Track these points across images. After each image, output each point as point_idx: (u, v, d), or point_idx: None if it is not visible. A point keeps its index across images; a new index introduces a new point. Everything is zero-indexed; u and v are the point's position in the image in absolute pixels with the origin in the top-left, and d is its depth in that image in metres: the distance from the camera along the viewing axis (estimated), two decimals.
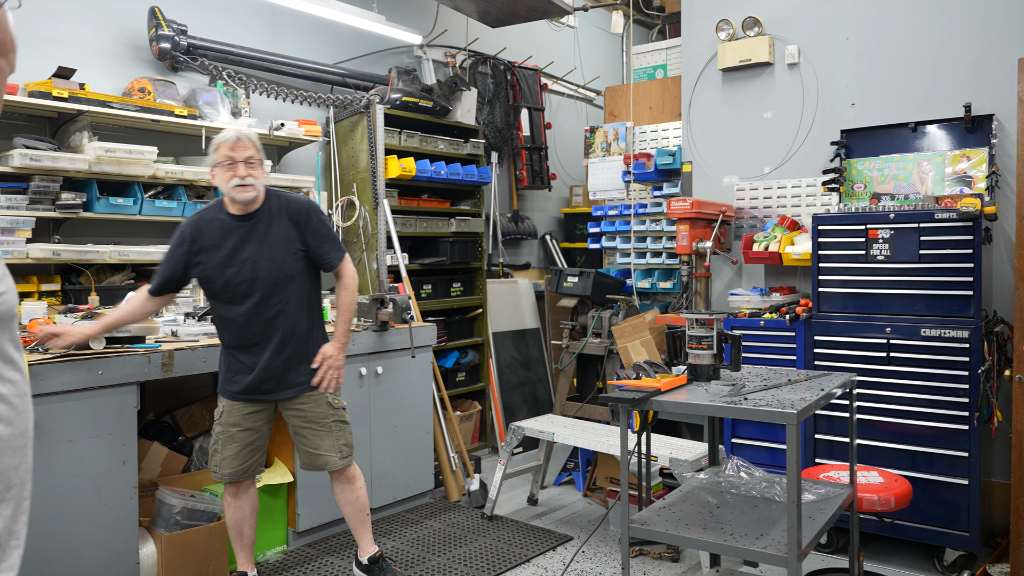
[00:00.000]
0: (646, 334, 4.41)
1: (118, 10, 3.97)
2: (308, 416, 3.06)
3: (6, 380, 1.02)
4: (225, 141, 2.88)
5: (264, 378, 2.98)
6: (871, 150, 4.18)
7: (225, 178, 2.87)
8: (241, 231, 2.92)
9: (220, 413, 3.07)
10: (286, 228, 2.95)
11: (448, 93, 5.41)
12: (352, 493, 3.19)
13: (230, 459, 3.04)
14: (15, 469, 1.05)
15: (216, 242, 2.92)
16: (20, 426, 1.05)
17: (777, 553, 2.21)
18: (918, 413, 3.54)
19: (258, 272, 2.91)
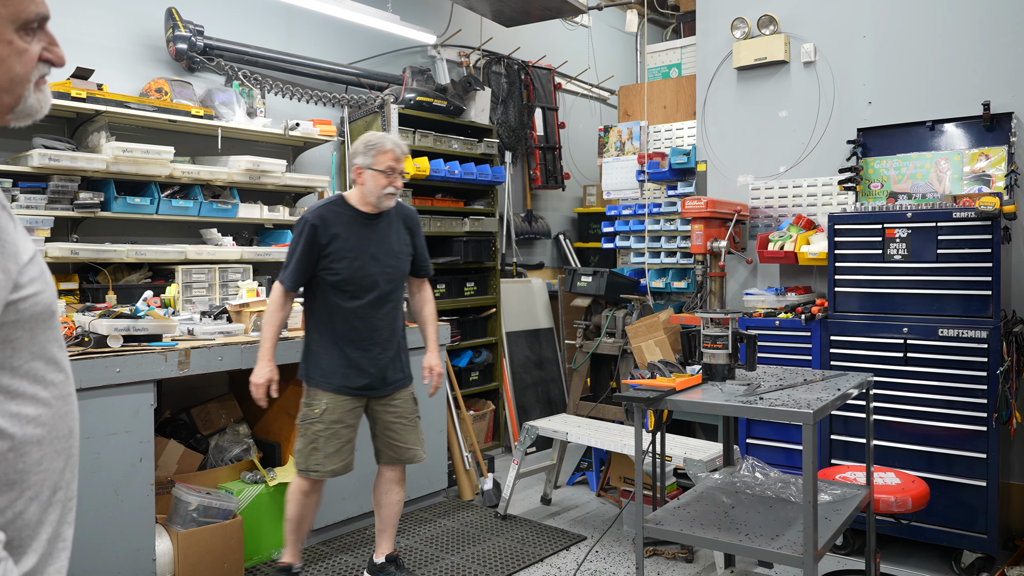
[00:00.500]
0: (660, 334, 4.39)
1: (136, 11, 4.00)
2: (401, 412, 3.15)
3: (48, 383, 1.01)
4: (390, 150, 3.00)
5: (375, 373, 3.06)
6: (888, 149, 4.15)
7: (379, 183, 2.99)
8: (369, 228, 3.04)
9: (322, 411, 3.03)
10: (402, 232, 3.13)
11: (462, 93, 5.42)
12: (399, 494, 3.24)
13: (333, 456, 3.04)
14: (60, 472, 1.05)
15: (346, 234, 3.00)
16: (63, 429, 1.04)
17: (793, 554, 2.20)
18: (935, 414, 3.50)
19: (382, 268, 3.04)
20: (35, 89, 1.09)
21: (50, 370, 1.02)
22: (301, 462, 3.07)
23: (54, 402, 1.02)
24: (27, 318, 0.97)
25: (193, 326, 3.45)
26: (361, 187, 3.03)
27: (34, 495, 1.00)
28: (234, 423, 3.90)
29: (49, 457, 1.02)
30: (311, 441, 3.04)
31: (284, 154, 4.54)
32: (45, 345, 1.01)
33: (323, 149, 4.83)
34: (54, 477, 1.03)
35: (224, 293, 3.95)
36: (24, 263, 0.97)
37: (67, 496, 1.08)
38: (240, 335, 3.54)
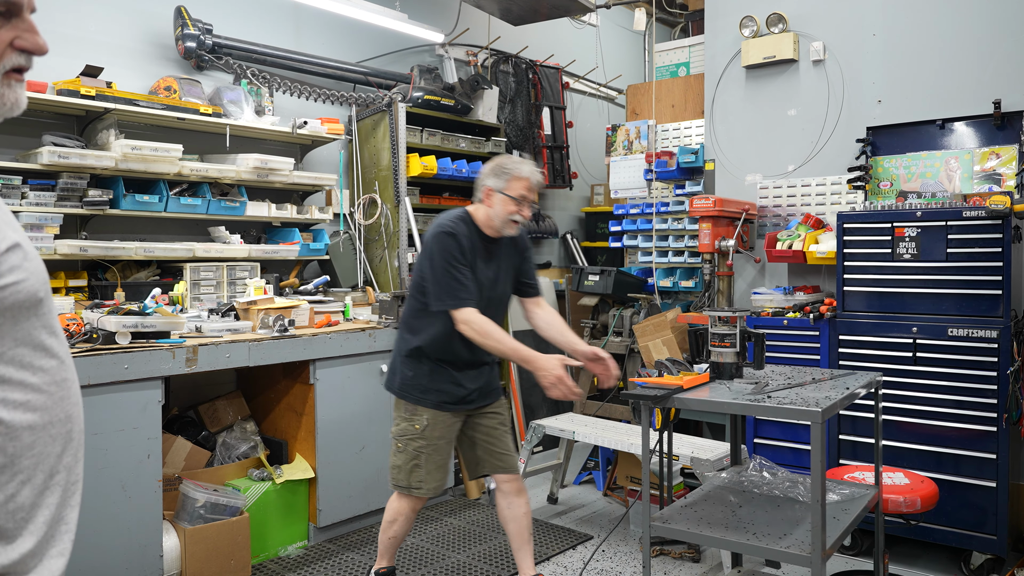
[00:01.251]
0: (668, 333, 4.38)
1: (145, 9, 4.02)
2: (501, 419, 3.08)
3: (37, 368, 1.03)
4: (526, 178, 2.85)
5: (476, 389, 2.97)
6: (898, 147, 4.13)
7: (507, 209, 2.83)
8: (489, 251, 2.93)
9: (424, 427, 2.89)
10: (513, 254, 3.03)
11: (470, 92, 5.42)
12: (523, 506, 3.04)
13: (434, 472, 2.93)
14: (58, 456, 1.06)
15: (474, 255, 2.87)
16: (59, 413, 1.06)
17: (801, 553, 2.19)
18: (945, 414, 3.48)
19: (496, 291, 2.97)
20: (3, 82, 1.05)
21: (38, 356, 1.03)
22: (402, 479, 2.94)
23: (46, 387, 1.04)
24: (8, 306, 0.98)
25: (201, 323, 3.46)
26: (488, 209, 2.86)
27: (27, 478, 1.01)
28: (241, 420, 3.91)
29: (43, 441, 1.03)
30: (413, 458, 2.91)
31: (292, 152, 4.55)
32: (31, 332, 1.02)
33: (331, 147, 4.83)
34: (50, 461, 1.05)
35: (232, 291, 3.96)
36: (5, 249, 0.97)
37: (69, 480, 1.09)
38: (248, 332, 3.55)
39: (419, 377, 2.90)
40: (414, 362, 2.92)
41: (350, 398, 3.82)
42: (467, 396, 2.94)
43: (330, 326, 3.90)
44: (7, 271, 0.97)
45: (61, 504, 1.08)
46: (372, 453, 3.93)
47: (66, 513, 1.09)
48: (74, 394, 1.10)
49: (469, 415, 3.03)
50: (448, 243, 2.78)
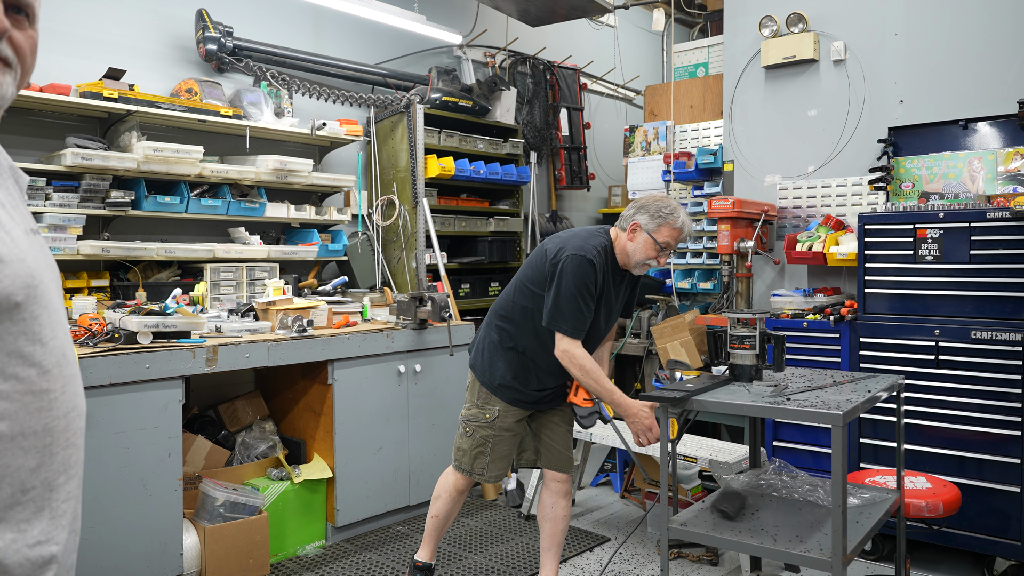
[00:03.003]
0: (686, 334, 4.36)
1: (167, 13, 4.06)
2: (564, 416, 3.05)
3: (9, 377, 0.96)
4: (678, 230, 2.77)
5: (551, 392, 2.97)
6: (920, 148, 4.08)
7: (648, 253, 2.77)
8: (616, 283, 2.89)
9: (494, 417, 2.93)
10: (629, 289, 2.99)
11: (487, 93, 5.42)
12: (565, 510, 3.03)
13: (498, 462, 2.97)
14: (32, 471, 0.99)
15: (605, 287, 2.83)
16: (33, 425, 0.99)
17: (821, 557, 2.17)
18: (967, 418, 3.43)
19: (610, 322, 2.96)
20: None
21: (12, 364, 0.97)
22: (465, 463, 2.99)
23: (17, 396, 0.97)
24: None
25: (221, 323, 3.49)
26: (629, 244, 2.79)
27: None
28: (260, 420, 3.93)
29: (10, 453, 0.96)
30: (479, 445, 2.95)
31: (311, 154, 4.58)
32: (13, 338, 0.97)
33: (349, 149, 4.86)
34: (21, 475, 0.98)
35: (251, 291, 3.99)
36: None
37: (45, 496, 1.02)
38: (267, 333, 3.57)
39: (505, 372, 2.90)
40: (508, 357, 2.90)
41: (368, 398, 3.83)
42: (543, 398, 2.97)
43: (348, 327, 3.91)
44: None
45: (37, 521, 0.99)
46: (390, 453, 3.94)
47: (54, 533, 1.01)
48: (59, 407, 1.03)
49: (544, 413, 3.06)
50: (587, 272, 2.70)
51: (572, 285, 2.68)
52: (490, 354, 2.95)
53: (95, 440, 2.83)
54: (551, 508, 3.01)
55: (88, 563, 2.81)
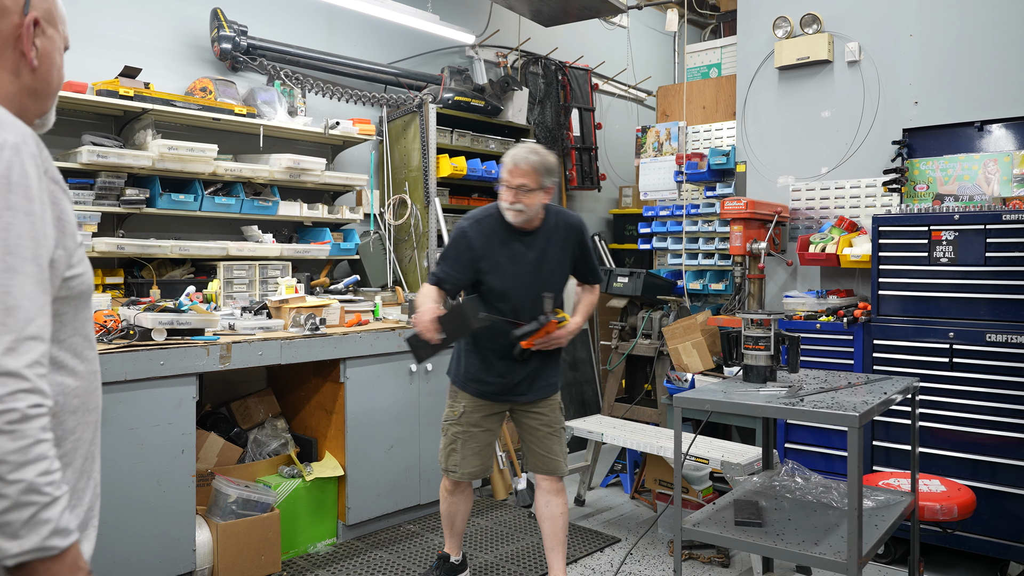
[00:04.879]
0: (698, 335, 4.35)
1: (182, 12, 4.08)
2: (547, 420, 3.04)
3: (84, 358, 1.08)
4: (505, 163, 2.88)
5: (520, 380, 2.98)
6: (934, 150, 4.06)
7: (504, 198, 2.88)
8: (519, 243, 2.93)
9: (461, 413, 3.03)
10: (560, 244, 2.98)
11: (499, 93, 5.42)
12: (560, 507, 3.06)
13: (470, 458, 3.03)
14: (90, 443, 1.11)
15: (496, 249, 2.92)
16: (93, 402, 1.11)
17: (836, 559, 2.16)
18: (981, 421, 3.42)
19: (529, 284, 2.93)
20: None
21: (86, 346, 1.09)
22: (441, 461, 3.10)
23: (87, 376, 1.09)
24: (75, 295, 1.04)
25: (234, 321, 3.50)
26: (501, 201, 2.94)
27: (68, 461, 1.05)
28: (272, 418, 3.95)
29: (82, 427, 1.08)
30: (451, 442, 3.05)
31: (324, 153, 4.59)
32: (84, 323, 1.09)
33: (362, 148, 4.87)
34: (86, 447, 1.09)
35: (264, 289, 4.01)
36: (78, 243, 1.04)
37: (95, 468, 1.13)
38: (279, 331, 3.58)
39: (467, 365, 3.01)
40: (466, 350, 3.03)
41: (379, 397, 3.84)
42: (506, 387, 2.97)
43: (360, 325, 3.92)
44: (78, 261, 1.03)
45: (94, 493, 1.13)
46: (401, 452, 3.95)
47: (94, 500, 1.13)
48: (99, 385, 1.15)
49: (517, 410, 3.07)
50: (455, 238, 2.95)
51: (444, 248, 3.00)
52: (456, 353, 3.09)
53: (110, 436, 2.84)
54: (545, 507, 3.07)
55: (102, 558, 2.82)
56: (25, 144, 0.99)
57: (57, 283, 1.01)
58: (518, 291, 2.92)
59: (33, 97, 1.14)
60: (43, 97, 1.16)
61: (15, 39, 1.11)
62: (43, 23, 1.13)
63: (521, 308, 2.91)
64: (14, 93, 1.11)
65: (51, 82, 1.16)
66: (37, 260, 0.95)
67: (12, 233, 0.93)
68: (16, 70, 1.11)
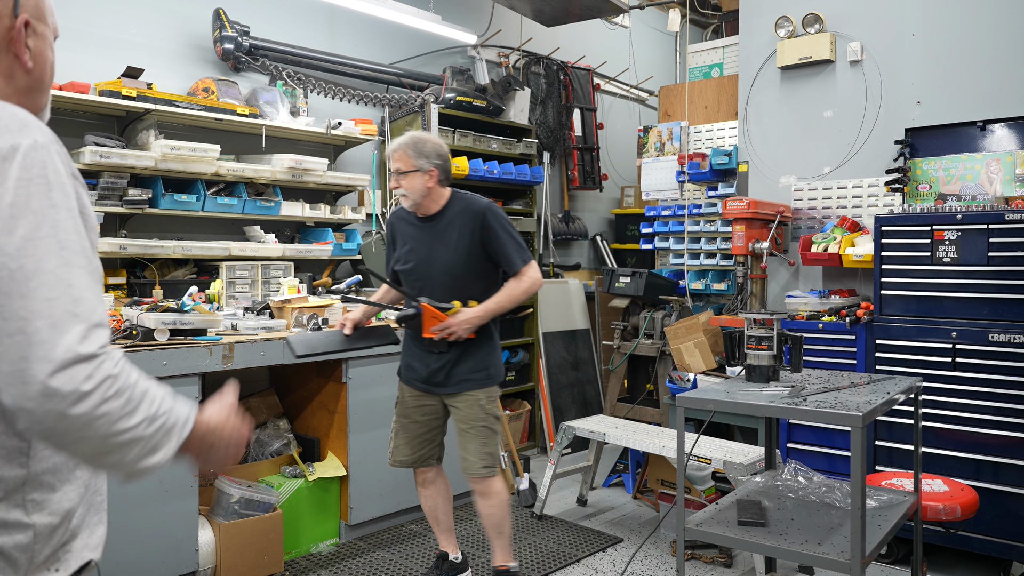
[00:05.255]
0: (700, 335, 4.35)
1: (184, 12, 4.08)
2: (460, 416, 3.02)
3: None
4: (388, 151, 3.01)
5: (435, 370, 3.01)
6: (937, 149, 4.06)
7: (391, 185, 3.00)
8: (422, 231, 3.01)
9: (396, 401, 3.17)
10: (461, 230, 2.96)
11: (501, 93, 5.43)
12: (486, 508, 3.07)
13: (402, 447, 3.13)
14: None
15: (405, 237, 3.06)
16: None
17: (839, 559, 2.16)
18: (984, 421, 3.41)
19: (431, 271, 2.97)
20: None
21: None
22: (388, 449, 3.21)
23: None
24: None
25: (236, 321, 3.50)
26: None
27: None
28: (274, 418, 3.95)
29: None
30: (392, 429, 3.18)
31: (326, 153, 4.59)
32: None
33: (364, 148, 4.87)
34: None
35: (266, 289, 4.01)
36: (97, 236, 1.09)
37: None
38: (282, 331, 3.58)
39: (404, 352, 3.16)
40: (405, 338, 3.15)
41: (382, 397, 3.84)
42: (425, 376, 3.04)
43: None
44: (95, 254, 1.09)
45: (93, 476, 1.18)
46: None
47: (100, 484, 1.19)
48: None
49: (444, 403, 3.10)
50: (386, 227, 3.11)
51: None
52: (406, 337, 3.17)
53: None
54: (477, 506, 3.13)
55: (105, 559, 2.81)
56: (54, 142, 1.05)
57: None
58: (421, 277, 2.98)
59: (29, 96, 1.16)
60: (39, 94, 1.19)
61: (7, 42, 1.11)
62: (33, 22, 1.12)
63: (428, 294, 2.95)
64: (10, 95, 1.12)
65: (45, 79, 1.18)
66: (84, 253, 1.03)
67: (61, 229, 1.00)
68: (10, 73, 1.13)
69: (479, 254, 2.97)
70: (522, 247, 3.02)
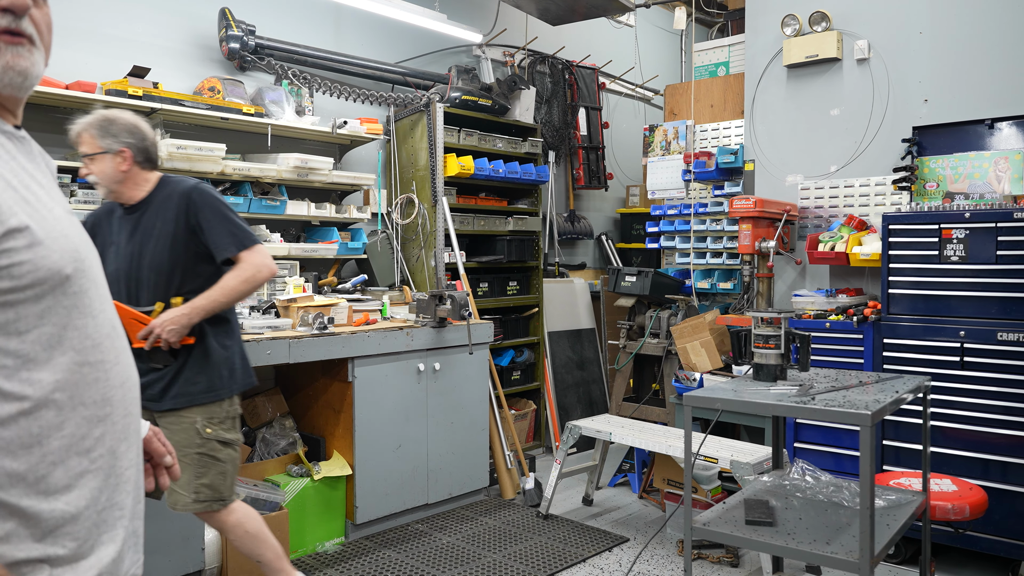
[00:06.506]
0: (706, 335, 4.34)
1: (190, 11, 4.09)
2: (172, 440, 2.39)
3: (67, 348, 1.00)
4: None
5: (151, 381, 2.53)
6: (945, 148, 4.04)
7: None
8: (127, 223, 2.62)
9: None
10: (166, 217, 2.57)
11: (507, 92, 5.42)
12: (231, 541, 2.67)
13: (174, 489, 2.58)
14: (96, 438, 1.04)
15: (107, 231, 2.65)
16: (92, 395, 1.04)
17: (848, 559, 2.15)
18: (992, 420, 3.40)
19: (141, 270, 2.56)
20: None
21: (72, 336, 1.01)
22: None
23: (78, 368, 1.01)
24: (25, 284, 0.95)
25: (242, 320, 3.50)
26: None
27: (57, 460, 0.98)
28: (280, 417, 3.95)
29: (75, 423, 1.00)
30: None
31: (331, 152, 4.59)
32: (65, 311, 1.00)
33: (369, 147, 4.87)
34: (86, 443, 1.02)
35: (272, 289, 4.01)
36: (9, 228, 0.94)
37: (111, 464, 1.06)
38: (288, 330, 3.58)
39: None
40: None
41: (387, 396, 3.84)
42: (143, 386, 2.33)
43: (368, 324, 3.92)
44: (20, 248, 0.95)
45: (113, 488, 1.05)
46: (409, 451, 3.95)
47: (117, 497, 1.07)
48: (114, 377, 1.07)
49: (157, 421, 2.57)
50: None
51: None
52: None
53: None
54: None
55: None
56: None
57: None
58: (133, 278, 2.56)
59: None
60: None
61: None
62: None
63: (132, 294, 2.55)
64: None
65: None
66: None
67: None
68: None
69: (188, 244, 2.55)
70: (241, 229, 2.60)
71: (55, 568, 0.96)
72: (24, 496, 0.95)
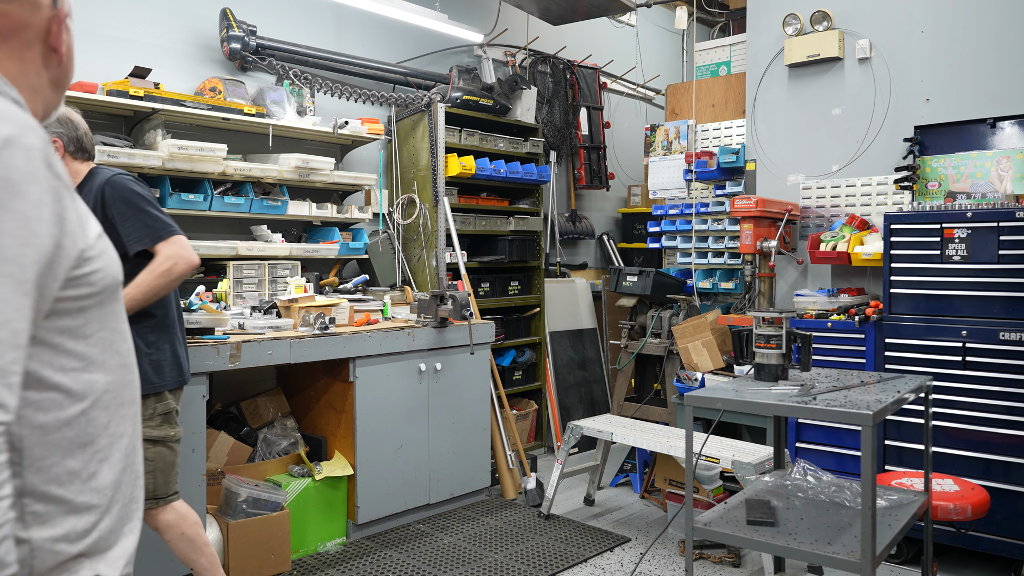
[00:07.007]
0: (708, 334, 4.33)
1: (191, 12, 4.09)
2: None
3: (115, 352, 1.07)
4: None
5: None
6: (946, 147, 4.04)
7: None
8: None
9: None
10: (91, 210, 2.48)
11: (508, 92, 5.42)
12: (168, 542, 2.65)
13: None
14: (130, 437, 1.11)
15: None
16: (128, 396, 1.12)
17: (849, 559, 2.15)
18: (994, 420, 3.39)
19: None
20: None
21: (118, 340, 1.08)
22: None
23: (120, 370, 1.08)
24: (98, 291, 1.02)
25: (244, 320, 3.50)
26: None
27: (104, 457, 1.04)
28: (282, 417, 3.95)
29: (116, 422, 1.07)
30: None
31: (332, 152, 4.59)
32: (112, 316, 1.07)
33: (370, 147, 4.87)
34: (124, 442, 1.09)
35: (273, 288, 4.01)
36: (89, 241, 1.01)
37: (135, 462, 1.13)
38: (289, 330, 3.58)
39: None
40: None
41: (389, 396, 3.84)
42: None
43: (369, 324, 3.92)
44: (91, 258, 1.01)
45: (134, 484, 1.12)
46: (410, 451, 3.95)
47: (137, 493, 1.13)
48: (137, 378, 1.15)
49: None
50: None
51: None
52: None
53: None
54: None
55: None
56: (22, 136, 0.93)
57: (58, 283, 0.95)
58: None
59: (55, 89, 1.15)
60: (63, 88, 1.16)
61: (46, 33, 1.10)
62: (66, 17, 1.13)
63: None
64: (40, 86, 1.10)
65: (71, 74, 1.16)
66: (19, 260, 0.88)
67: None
68: (46, 64, 1.11)
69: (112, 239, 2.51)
70: (157, 220, 2.46)
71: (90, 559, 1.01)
72: (80, 493, 1.00)
